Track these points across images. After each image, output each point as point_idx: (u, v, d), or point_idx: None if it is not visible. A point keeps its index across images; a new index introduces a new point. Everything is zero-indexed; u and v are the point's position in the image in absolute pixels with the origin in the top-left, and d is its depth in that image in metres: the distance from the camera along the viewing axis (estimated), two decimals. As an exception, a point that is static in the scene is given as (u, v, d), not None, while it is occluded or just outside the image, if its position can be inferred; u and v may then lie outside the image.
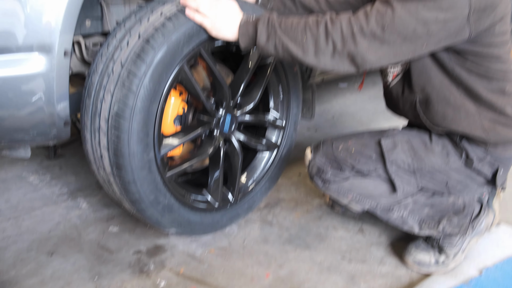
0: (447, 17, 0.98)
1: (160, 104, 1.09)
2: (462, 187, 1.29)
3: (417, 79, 1.20)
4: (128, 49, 1.06)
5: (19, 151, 1.07)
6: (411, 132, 1.31)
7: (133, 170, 1.08)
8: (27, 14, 0.88)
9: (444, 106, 1.20)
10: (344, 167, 1.28)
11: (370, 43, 1.00)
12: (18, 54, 0.88)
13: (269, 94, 1.48)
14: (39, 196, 1.78)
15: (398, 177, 1.26)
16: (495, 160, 1.24)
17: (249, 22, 1.08)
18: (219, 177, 1.34)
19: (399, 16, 0.98)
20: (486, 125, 1.18)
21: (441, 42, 1.04)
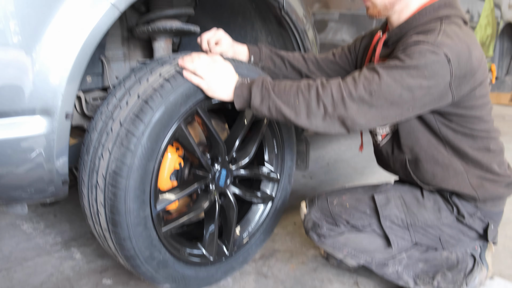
0: (430, 84, 1.03)
1: (157, 161, 1.11)
2: (455, 241, 1.30)
3: (406, 140, 1.24)
4: (127, 109, 1.10)
5: (16, 207, 1.08)
6: (403, 187, 1.33)
7: (129, 227, 1.09)
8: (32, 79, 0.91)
9: (433, 165, 1.23)
10: (339, 222, 1.30)
11: (359, 107, 1.04)
12: (21, 118, 0.91)
13: (264, 148, 1.51)
14: (32, 245, 1.76)
15: (392, 232, 1.27)
16: (485, 215, 1.27)
17: (244, 84, 1.13)
18: (214, 231, 1.35)
19: (386, 83, 1.03)
20: (474, 183, 1.22)
21: (426, 106, 1.09)
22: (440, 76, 1.03)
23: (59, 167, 1.01)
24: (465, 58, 1.05)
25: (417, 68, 1.02)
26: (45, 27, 0.91)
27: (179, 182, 1.31)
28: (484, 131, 1.20)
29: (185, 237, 1.47)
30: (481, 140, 1.21)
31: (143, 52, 1.53)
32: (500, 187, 1.26)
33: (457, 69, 1.04)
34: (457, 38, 1.05)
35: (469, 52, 1.06)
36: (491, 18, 3.43)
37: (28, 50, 0.90)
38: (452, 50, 1.03)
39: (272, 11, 1.50)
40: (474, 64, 1.08)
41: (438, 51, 1.02)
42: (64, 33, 0.94)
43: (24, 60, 0.90)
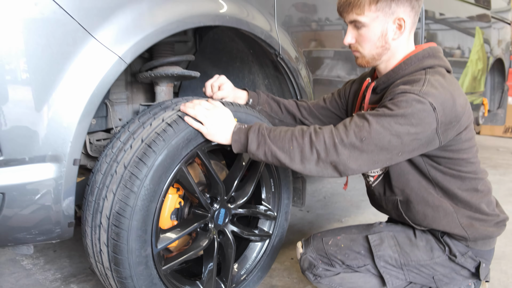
0: (417, 130, 1.09)
1: (159, 202, 1.16)
2: (448, 280, 1.33)
3: (396, 182, 1.30)
4: (131, 152, 1.16)
5: (23, 248, 1.12)
6: (396, 227, 1.38)
7: (131, 266, 1.13)
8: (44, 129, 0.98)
9: (423, 207, 1.28)
10: (334, 262, 1.34)
11: (350, 152, 1.10)
12: (31, 165, 0.98)
13: (261, 187, 1.57)
14: (32, 282, 1.78)
15: (387, 272, 1.31)
16: (476, 254, 1.31)
17: (242, 129, 1.20)
18: (212, 268, 1.39)
19: (375, 130, 1.09)
20: (464, 223, 1.26)
21: (415, 151, 1.15)
22: (426, 124, 1.09)
23: (66, 209, 1.06)
24: (449, 106, 1.12)
25: (405, 116, 1.08)
26: (58, 80, 0.99)
27: (179, 221, 1.36)
28: (471, 173, 1.26)
29: (184, 273, 1.50)
30: (469, 181, 1.26)
31: (145, 95, 1.61)
32: (490, 226, 1.30)
33: (443, 116, 1.10)
34: (441, 88, 1.12)
35: (453, 100, 1.13)
36: (481, 53, 3.57)
37: (41, 103, 0.97)
38: (437, 99, 1.09)
39: (268, 56, 1.59)
40: (459, 110, 1.14)
41: (423, 100, 1.08)
42: (74, 86, 1.01)
43: (38, 112, 0.97)
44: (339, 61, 1.89)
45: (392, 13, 1.18)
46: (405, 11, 1.18)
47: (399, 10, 1.18)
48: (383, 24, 1.19)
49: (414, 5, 1.20)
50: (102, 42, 1.03)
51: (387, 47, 1.22)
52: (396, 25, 1.20)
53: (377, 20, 1.19)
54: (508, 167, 3.83)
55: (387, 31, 1.20)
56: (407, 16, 1.19)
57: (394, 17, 1.18)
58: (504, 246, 2.11)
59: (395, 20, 1.19)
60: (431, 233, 1.34)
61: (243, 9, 1.39)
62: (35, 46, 0.95)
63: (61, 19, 0.97)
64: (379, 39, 1.21)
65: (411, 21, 1.22)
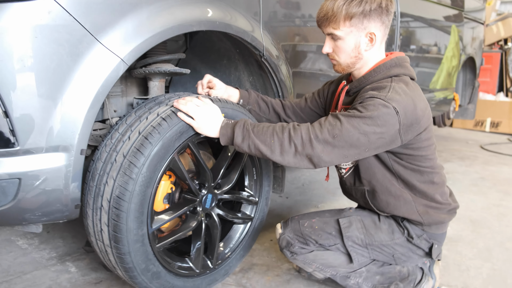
0: (382, 130, 1.25)
1: (154, 188, 1.31)
2: (405, 258, 1.53)
3: (365, 174, 1.47)
4: (129, 143, 1.30)
5: (31, 226, 1.26)
6: (364, 212, 1.56)
7: (129, 243, 1.28)
8: (59, 123, 1.12)
9: (387, 196, 1.46)
10: (309, 241, 1.51)
11: (324, 147, 1.26)
12: (45, 154, 1.12)
13: (244, 175, 1.73)
14: (29, 260, 1.89)
15: (354, 250, 1.49)
16: (430, 237, 1.50)
17: (228, 124, 1.35)
18: (200, 247, 1.55)
19: (346, 128, 1.25)
20: (420, 210, 1.45)
21: (380, 148, 1.31)
22: (390, 125, 1.25)
23: (73, 193, 1.20)
24: (410, 110, 1.28)
25: (372, 118, 1.24)
26: (69, 80, 1.13)
27: (170, 204, 1.51)
28: (429, 167, 1.44)
29: (173, 252, 1.66)
30: (426, 175, 1.44)
31: (138, 89, 1.73)
32: (442, 214, 1.49)
33: (404, 119, 1.26)
34: (404, 94, 1.29)
35: (414, 105, 1.29)
36: (456, 50, 3.73)
37: (54, 100, 1.11)
38: (399, 104, 1.25)
39: (253, 56, 1.74)
40: (419, 114, 1.31)
41: (388, 105, 1.24)
42: (82, 85, 1.15)
43: (52, 108, 1.11)
44: (315, 55, 2.04)
45: (364, 28, 1.33)
46: (376, 26, 1.34)
47: (370, 26, 1.33)
48: (356, 37, 1.34)
49: (384, 20, 1.35)
50: (107, 46, 1.17)
51: (360, 57, 1.38)
52: (368, 38, 1.35)
53: (351, 34, 1.34)
54: (474, 159, 4.06)
55: (360, 44, 1.35)
56: (378, 31, 1.35)
57: (366, 32, 1.34)
58: (461, 230, 2.33)
59: (367, 34, 1.34)
60: (393, 218, 1.52)
61: (231, 15, 1.52)
62: (48, 50, 1.08)
63: (71, 26, 1.10)
64: (353, 50, 1.36)
65: (382, 34, 1.37)
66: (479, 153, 4.35)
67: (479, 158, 4.10)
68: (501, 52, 6.17)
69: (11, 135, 1.08)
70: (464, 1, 3.81)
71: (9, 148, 1.09)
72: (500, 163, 3.94)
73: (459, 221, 2.46)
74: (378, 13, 1.32)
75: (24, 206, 1.15)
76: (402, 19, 2.67)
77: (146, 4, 1.25)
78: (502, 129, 5.59)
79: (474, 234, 2.29)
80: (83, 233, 2.16)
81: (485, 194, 2.98)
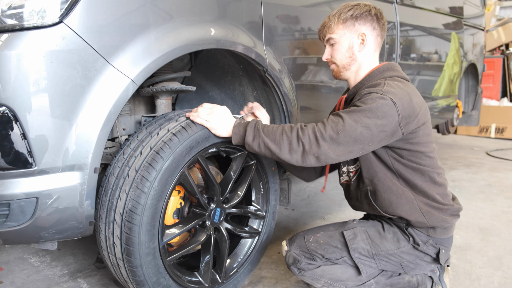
0: (383, 122, 1.31)
1: (165, 201, 1.35)
2: (414, 265, 1.54)
3: (366, 173, 1.51)
4: (141, 158, 1.34)
5: (47, 244, 1.30)
6: (367, 223, 1.58)
7: (141, 256, 1.31)
8: (74, 143, 1.17)
9: (389, 195, 1.48)
10: (315, 256, 1.52)
11: (329, 145, 1.32)
12: (62, 173, 1.16)
13: (252, 190, 1.76)
14: (42, 277, 1.92)
15: (361, 262, 1.50)
16: (436, 242, 1.51)
17: (241, 124, 1.42)
18: (209, 261, 1.58)
19: (348, 123, 1.31)
20: (423, 209, 1.46)
21: (382, 142, 1.36)
22: (390, 116, 1.32)
23: (87, 210, 1.24)
24: (406, 101, 1.35)
25: (371, 110, 1.31)
26: (83, 102, 1.18)
27: (179, 219, 1.54)
28: (429, 166, 1.46)
29: (183, 266, 1.68)
30: (427, 174, 1.46)
31: (146, 107, 1.78)
32: (445, 215, 1.49)
33: (402, 110, 1.33)
34: (398, 88, 1.37)
35: (409, 97, 1.36)
36: (457, 57, 3.77)
37: (70, 122, 1.17)
38: (395, 96, 1.33)
39: (257, 72, 1.78)
40: (416, 107, 1.37)
41: (385, 97, 1.33)
42: (96, 106, 1.20)
43: (68, 129, 1.17)
44: (316, 67, 2.08)
45: (356, 30, 1.49)
46: (366, 29, 1.49)
47: (361, 28, 1.48)
48: (349, 39, 1.49)
49: (375, 26, 1.49)
50: (117, 68, 1.22)
51: (354, 57, 1.51)
52: (360, 40, 1.49)
53: (344, 36, 1.49)
54: (480, 166, 4.05)
55: (353, 44, 1.50)
56: (369, 34, 1.50)
57: (358, 33, 1.49)
58: (471, 238, 2.33)
59: (359, 36, 1.49)
60: (397, 225, 1.54)
61: (234, 33, 1.58)
62: (63, 73, 1.14)
63: (83, 50, 1.16)
64: (347, 51, 1.50)
65: (373, 39, 1.51)
66: (485, 160, 4.34)
67: (485, 165, 4.10)
68: (503, 57, 6.19)
69: (29, 156, 1.13)
70: (463, 8, 3.86)
71: (27, 168, 1.14)
72: (507, 169, 3.93)
73: (467, 229, 2.46)
74: (368, 18, 1.48)
75: (41, 225, 1.19)
76: (402, 29, 2.72)
77: (154, 26, 1.31)
78: (507, 134, 5.58)
79: (483, 242, 2.28)
80: (94, 250, 2.20)
81: (493, 201, 2.97)
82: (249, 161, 1.66)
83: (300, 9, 1.93)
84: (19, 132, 1.11)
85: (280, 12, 1.81)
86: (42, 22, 1.10)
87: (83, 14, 1.16)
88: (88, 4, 1.17)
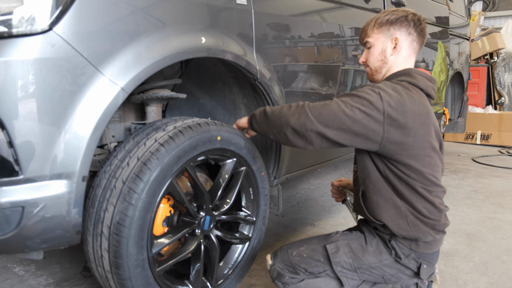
0: (367, 111, 1.34)
1: (154, 212, 1.33)
2: (395, 279, 1.52)
3: (361, 174, 1.52)
4: (128, 169, 1.32)
5: (32, 254, 1.27)
6: (350, 235, 1.57)
7: (130, 268, 1.30)
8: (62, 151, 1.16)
9: (377, 197, 1.47)
10: (299, 270, 1.51)
11: (313, 113, 1.39)
12: (49, 182, 1.14)
13: (241, 196, 1.75)
14: (26, 287, 1.88)
15: (343, 275, 1.49)
16: (418, 256, 1.49)
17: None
18: (200, 269, 1.56)
19: (336, 102, 1.38)
20: (408, 218, 1.45)
21: (360, 134, 1.36)
22: (374, 108, 1.33)
23: (75, 219, 1.22)
24: (396, 102, 1.34)
25: (358, 96, 1.37)
26: (72, 109, 1.16)
27: (169, 227, 1.53)
28: (419, 181, 1.43)
29: (172, 274, 1.66)
30: (416, 188, 1.43)
31: (136, 114, 1.76)
32: (429, 228, 1.46)
33: (388, 107, 1.33)
34: (393, 90, 1.38)
35: (402, 101, 1.35)
36: (443, 66, 3.84)
37: (59, 130, 1.15)
38: (386, 93, 1.36)
39: (247, 79, 1.79)
40: (407, 113, 1.35)
41: (375, 90, 1.37)
42: (85, 114, 1.18)
43: (57, 137, 1.15)
44: (306, 74, 2.10)
45: (391, 35, 1.52)
46: (401, 34, 1.52)
47: (395, 33, 1.52)
48: (383, 43, 1.53)
49: (411, 32, 1.52)
50: (107, 76, 1.21)
51: (385, 61, 1.55)
52: (393, 44, 1.52)
53: (379, 40, 1.54)
54: (466, 172, 4.12)
55: (386, 48, 1.53)
56: (403, 39, 1.52)
57: (391, 38, 1.52)
58: (457, 244, 2.36)
59: (392, 40, 1.52)
60: (381, 237, 1.53)
61: (226, 42, 1.58)
62: (52, 81, 1.12)
63: (73, 58, 1.14)
64: (380, 54, 1.55)
65: (408, 44, 1.53)
66: (471, 166, 4.42)
67: (471, 171, 4.16)
68: (488, 66, 6.33)
69: (15, 164, 1.11)
70: (449, 18, 3.93)
71: (13, 177, 1.11)
72: (492, 175, 4.00)
73: (454, 235, 2.49)
74: (404, 23, 1.51)
75: (27, 234, 1.16)
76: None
77: (145, 35, 1.30)
78: (492, 141, 5.69)
79: (470, 247, 2.32)
80: (80, 258, 2.16)
81: (478, 207, 3.02)
82: (238, 167, 1.66)
83: (289, 18, 1.94)
84: (5, 140, 1.09)
85: (270, 21, 1.81)
86: (31, 30, 1.09)
87: (73, 21, 1.14)
88: (78, 12, 1.15)
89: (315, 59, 2.14)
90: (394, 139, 1.37)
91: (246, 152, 1.65)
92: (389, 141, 1.37)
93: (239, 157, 1.63)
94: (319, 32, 2.14)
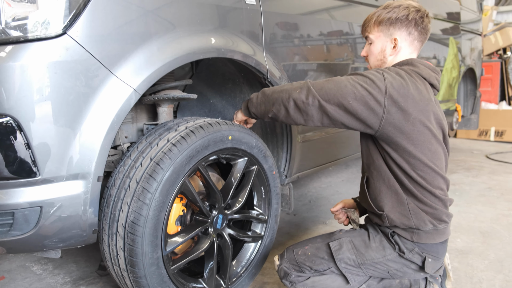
0: (369, 88, 1.35)
1: (167, 211, 1.35)
2: (401, 273, 1.52)
3: (366, 160, 1.54)
4: (142, 169, 1.35)
5: (50, 252, 1.31)
6: (354, 233, 1.57)
7: (145, 266, 1.32)
8: (77, 153, 1.18)
9: (381, 183, 1.47)
10: (304, 268, 1.53)
11: (317, 85, 1.42)
12: (66, 182, 1.17)
13: (253, 194, 1.77)
14: (44, 285, 1.92)
15: (348, 271, 1.50)
16: (422, 250, 1.48)
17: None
18: (213, 267, 1.58)
19: (340, 78, 1.41)
20: (410, 206, 1.44)
21: (360, 110, 1.36)
22: (376, 86, 1.34)
23: (91, 218, 1.25)
24: (398, 84, 1.35)
25: (362, 75, 1.40)
26: (87, 111, 1.19)
27: (182, 226, 1.55)
28: (420, 171, 1.41)
29: (186, 273, 1.69)
30: (417, 178, 1.42)
31: (148, 115, 1.79)
32: (432, 218, 1.45)
33: (390, 87, 1.34)
34: (396, 74, 1.39)
35: (405, 83, 1.36)
36: (455, 62, 3.80)
37: (74, 132, 1.18)
38: (389, 75, 1.37)
39: (257, 79, 1.80)
40: (408, 96, 1.35)
41: (379, 71, 1.39)
42: (99, 115, 1.21)
43: (72, 138, 1.18)
44: (315, 73, 2.10)
45: (391, 35, 1.50)
46: (401, 34, 1.49)
47: (395, 33, 1.50)
48: (383, 42, 1.52)
49: (412, 31, 1.50)
50: (120, 77, 1.23)
51: (384, 60, 1.55)
52: (393, 44, 1.51)
53: (379, 39, 1.53)
54: (480, 169, 4.07)
55: (386, 48, 1.53)
56: (403, 39, 1.50)
57: (391, 38, 1.51)
58: (472, 242, 2.33)
59: (392, 40, 1.51)
60: (383, 232, 1.53)
61: (236, 42, 1.59)
62: (67, 84, 1.15)
63: (87, 60, 1.17)
64: (379, 53, 1.55)
65: (408, 44, 1.51)
66: (485, 163, 4.36)
67: (485, 168, 4.11)
68: (501, 61, 6.23)
69: (33, 165, 1.14)
70: (460, 14, 3.89)
71: (31, 178, 1.14)
72: (506, 172, 3.95)
73: (468, 232, 2.47)
74: (405, 23, 1.48)
75: (45, 233, 1.19)
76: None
77: (156, 37, 1.32)
78: (507, 137, 5.60)
79: (484, 245, 2.29)
80: (96, 257, 2.20)
81: (493, 205, 2.98)
82: (249, 166, 1.67)
83: (298, 17, 1.95)
84: (23, 142, 1.12)
85: (279, 20, 1.82)
86: (46, 34, 1.12)
87: (86, 25, 1.17)
88: (91, 15, 1.18)
89: (324, 57, 2.14)
90: (394, 120, 1.36)
91: (257, 151, 1.66)
92: (388, 121, 1.36)
93: (250, 156, 1.64)
94: (328, 30, 2.14)
